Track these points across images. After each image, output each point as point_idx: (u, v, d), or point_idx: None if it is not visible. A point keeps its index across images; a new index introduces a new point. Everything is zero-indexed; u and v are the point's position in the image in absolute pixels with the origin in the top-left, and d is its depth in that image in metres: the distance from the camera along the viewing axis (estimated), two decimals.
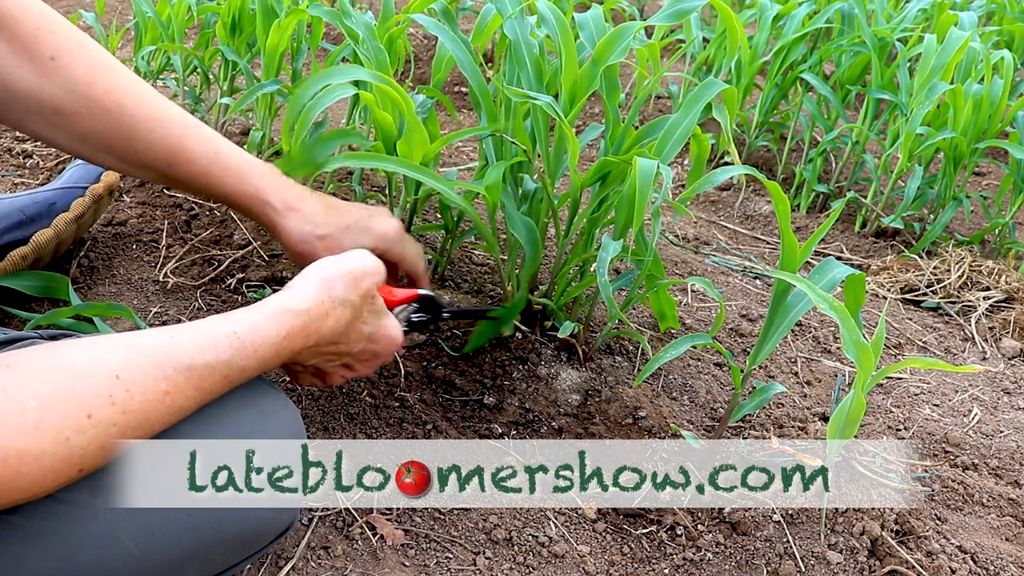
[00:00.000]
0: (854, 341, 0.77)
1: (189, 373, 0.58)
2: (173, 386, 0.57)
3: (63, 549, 0.54)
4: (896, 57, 1.78)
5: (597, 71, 0.92)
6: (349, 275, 0.72)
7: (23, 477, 0.48)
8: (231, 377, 0.62)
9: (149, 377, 0.56)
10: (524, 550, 0.85)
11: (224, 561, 0.64)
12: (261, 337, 0.64)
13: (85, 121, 0.78)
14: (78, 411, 0.51)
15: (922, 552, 0.85)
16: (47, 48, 0.76)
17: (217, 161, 0.83)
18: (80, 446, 0.51)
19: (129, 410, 0.54)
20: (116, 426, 0.53)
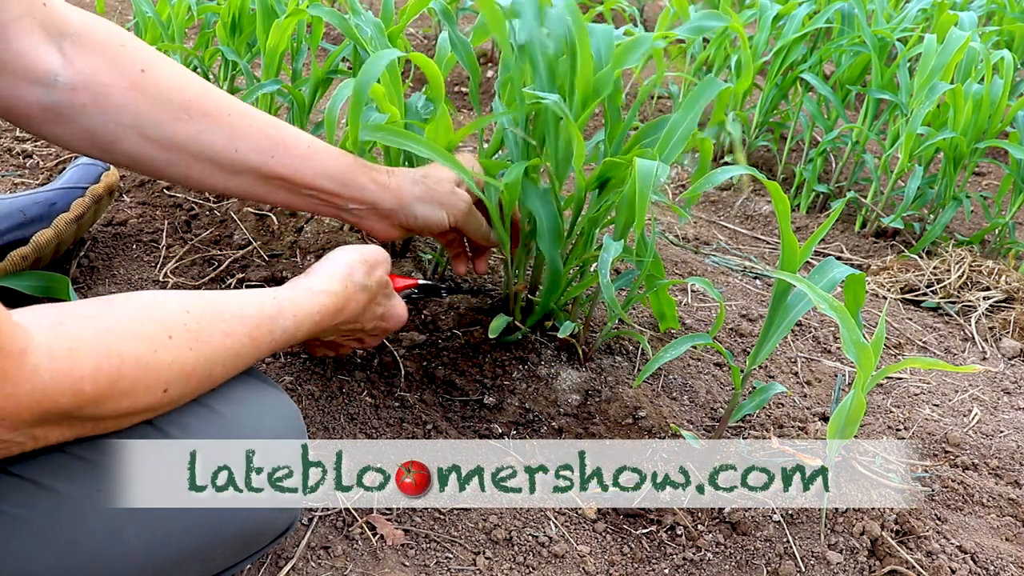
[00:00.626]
0: (854, 341, 0.77)
1: (243, 320, 0.64)
2: (231, 328, 0.63)
3: (65, 544, 0.55)
4: (896, 57, 1.77)
5: (611, 76, 0.92)
6: (365, 263, 0.81)
7: (124, 379, 0.54)
8: (275, 335, 0.67)
9: (212, 316, 0.62)
10: (524, 550, 0.85)
11: (225, 560, 0.64)
12: (299, 308, 0.71)
13: (185, 127, 0.79)
14: (163, 330, 0.58)
15: (922, 552, 0.85)
16: (135, 62, 0.77)
17: (317, 143, 0.86)
18: (166, 362, 0.57)
19: (201, 340, 0.60)
20: (192, 351, 0.59)
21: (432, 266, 1.18)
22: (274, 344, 0.68)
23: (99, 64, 0.75)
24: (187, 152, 0.80)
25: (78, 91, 0.74)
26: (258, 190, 0.85)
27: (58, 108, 0.75)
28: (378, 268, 0.83)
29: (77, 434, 0.55)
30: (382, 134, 0.90)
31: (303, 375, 1.00)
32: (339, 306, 0.76)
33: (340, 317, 0.77)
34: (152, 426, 0.59)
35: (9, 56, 0.71)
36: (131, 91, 0.76)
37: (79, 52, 0.74)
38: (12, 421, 0.49)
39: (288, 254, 1.22)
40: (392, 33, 1.18)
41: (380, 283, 0.83)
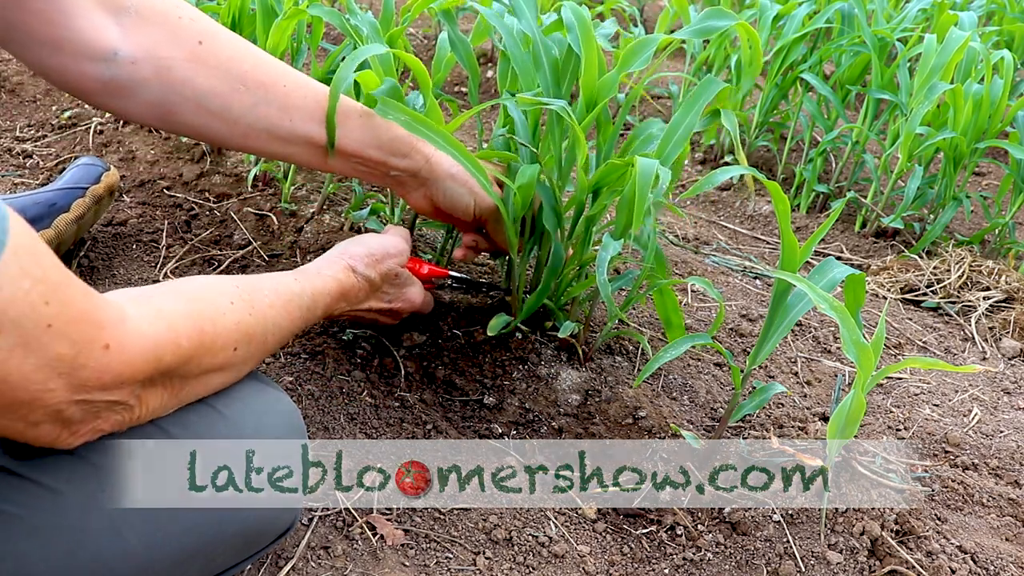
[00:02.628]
0: (854, 341, 0.77)
1: (278, 295, 0.70)
2: (273, 301, 0.69)
3: (66, 544, 0.55)
4: (896, 57, 1.77)
5: (616, 80, 0.92)
6: (369, 255, 0.85)
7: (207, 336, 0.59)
8: (303, 310, 0.73)
9: (255, 290, 0.68)
10: (524, 550, 0.85)
11: (225, 560, 0.64)
12: (314, 288, 0.76)
13: (242, 98, 0.80)
14: (224, 298, 0.64)
15: (922, 552, 0.85)
16: (194, 34, 0.78)
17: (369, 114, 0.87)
18: (233, 321, 0.63)
19: (254, 307, 0.66)
20: (251, 316, 0.65)
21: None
22: (302, 319, 0.73)
23: (158, 37, 0.76)
24: (244, 123, 0.82)
25: (139, 65, 0.76)
26: (306, 158, 0.87)
27: (119, 82, 0.76)
28: (385, 261, 0.87)
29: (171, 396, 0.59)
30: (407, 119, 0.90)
31: (303, 375, 1.00)
32: (342, 290, 0.81)
33: (345, 301, 0.82)
34: (154, 425, 0.60)
35: (69, 34, 0.73)
36: (190, 63, 0.77)
37: (138, 26, 0.75)
38: (131, 381, 0.53)
39: (288, 254, 1.22)
40: (393, 33, 1.18)
41: (385, 275, 0.87)
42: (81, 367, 0.49)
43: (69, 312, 0.48)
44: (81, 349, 0.49)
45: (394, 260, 0.88)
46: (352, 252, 0.85)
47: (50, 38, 0.73)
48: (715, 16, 0.94)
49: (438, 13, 1.04)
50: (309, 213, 1.28)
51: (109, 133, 1.48)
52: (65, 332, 0.48)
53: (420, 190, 0.94)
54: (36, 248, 0.48)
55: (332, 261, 0.83)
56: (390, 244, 0.88)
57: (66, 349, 0.48)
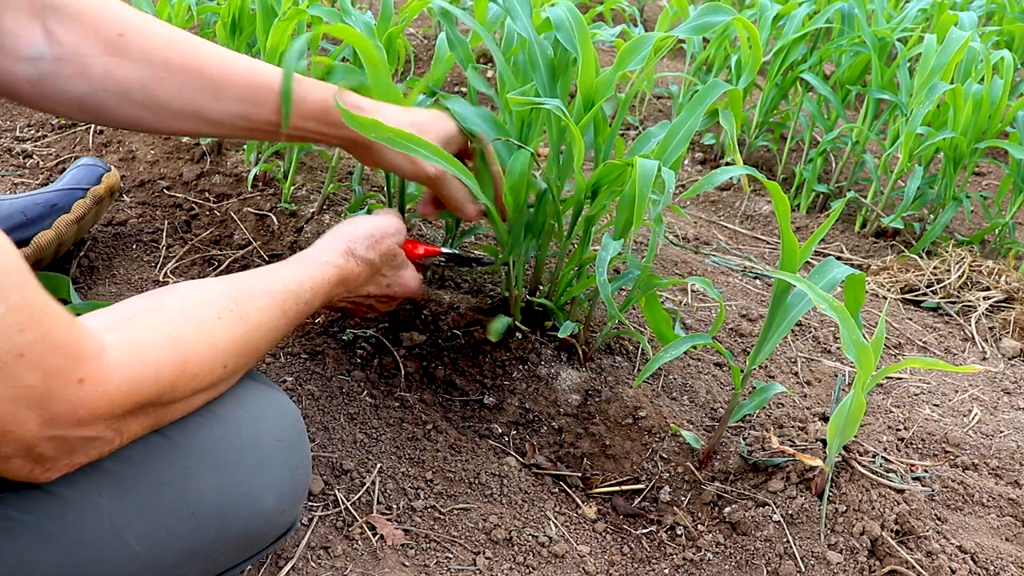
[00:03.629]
0: (854, 341, 0.77)
1: (272, 296, 0.69)
2: (266, 304, 0.68)
3: (68, 547, 0.55)
4: (896, 57, 1.77)
5: (612, 79, 0.92)
6: (369, 237, 0.84)
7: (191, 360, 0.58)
8: (300, 306, 0.72)
9: (248, 296, 0.67)
10: (524, 550, 0.85)
11: (226, 561, 0.64)
12: (313, 279, 0.75)
13: (167, 86, 0.79)
14: (213, 313, 0.62)
15: (922, 552, 0.85)
16: (114, 26, 0.77)
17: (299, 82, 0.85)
18: (222, 340, 0.61)
19: (244, 318, 0.64)
20: (240, 329, 0.64)
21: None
22: (299, 315, 0.73)
23: (79, 33, 0.75)
24: (171, 110, 0.80)
25: (63, 63, 0.75)
26: (242, 133, 0.87)
27: (46, 81, 0.75)
28: (384, 241, 0.86)
29: (153, 422, 0.58)
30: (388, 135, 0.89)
31: (303, 375, 1.00)
32: (342, 276, 0.80)
33: (344, 287, 0.81)
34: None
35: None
36: (111, 56, 0.76)
37: (61, 24, 0.75)
38: (108, 417, 0.52)
39: (288, 254, 1.22)
40: (391, 32, 1.18)
41: (385, 255, 0.86)
42: (54, 400, 0.48)
43: (45, 342, 0.47)
44: (53, 382, 0.48)
45: (392, 239, 0.87)
46: (351, 234, 0.84)
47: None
48: (712, 12, 0.94)
49: (437, 13, 1.04)
50: (309, 213, 1.28)
51: (109, 133, 1.48)
52: (38, 363, 0.46)
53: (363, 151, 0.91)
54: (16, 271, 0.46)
55: (332, 245, 0.82)
56: (387, 223, 0.88)
57: (37, 380, 0.47)
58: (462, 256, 1.03)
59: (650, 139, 0.99)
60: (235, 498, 0.62)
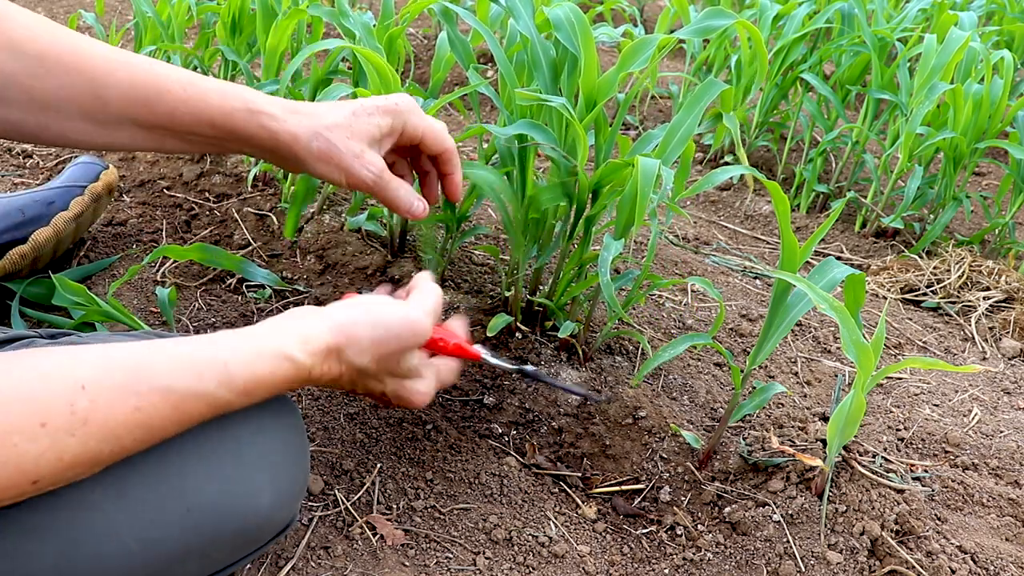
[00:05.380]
0: (854, 341, 0.76)
1: (167, 394, 0.54)
2: (147, 403, 0.53)
3: (64, 544, 0.54)
4: (896, 57, 1.78)
5: (615, 79, 0.92)
6: (370, 340, 0.65)
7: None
8: (215, 405, 0.57)
9: (118, 391, 0.52)
10: (524, 550, 0.85)
11: (223, 559, 0.64)
12: (254, 376, 0.58)
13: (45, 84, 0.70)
14: (31, 417, 0.48)
15: (922, 552, 0.85)
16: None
17: (194, 84, 0.75)
18: (32, 455, 0.48)
19: (91, 422, 0.50)
20: (75, 437, 0.50)
21: (432, 265, 1.18)
22: (214, 411, 0.57)
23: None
24: (53, 111, 0.71)
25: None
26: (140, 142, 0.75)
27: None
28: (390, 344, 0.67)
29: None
30: None
31: None
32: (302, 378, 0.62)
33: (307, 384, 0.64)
34: None
35: None
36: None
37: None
38: None
39: (288, 254, 1.22)
40: (392, 33, 1.18)
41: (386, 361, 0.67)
42: None
43: None
44: None
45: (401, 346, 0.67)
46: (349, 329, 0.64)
47: None
48: (715, 16, 0.94)
49: (437, 13, 1.04)
50: (309, 213, 1.28)
51: None
52: None
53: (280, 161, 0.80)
54: None
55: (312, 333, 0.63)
56: (406, 326, 0.67)
57: None
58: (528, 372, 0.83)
59: (651, 140, 0.99)
60: (232, 495, 0.62)
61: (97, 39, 0.87)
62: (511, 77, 0.96)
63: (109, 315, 0.93)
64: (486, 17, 1.26)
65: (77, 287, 0.92)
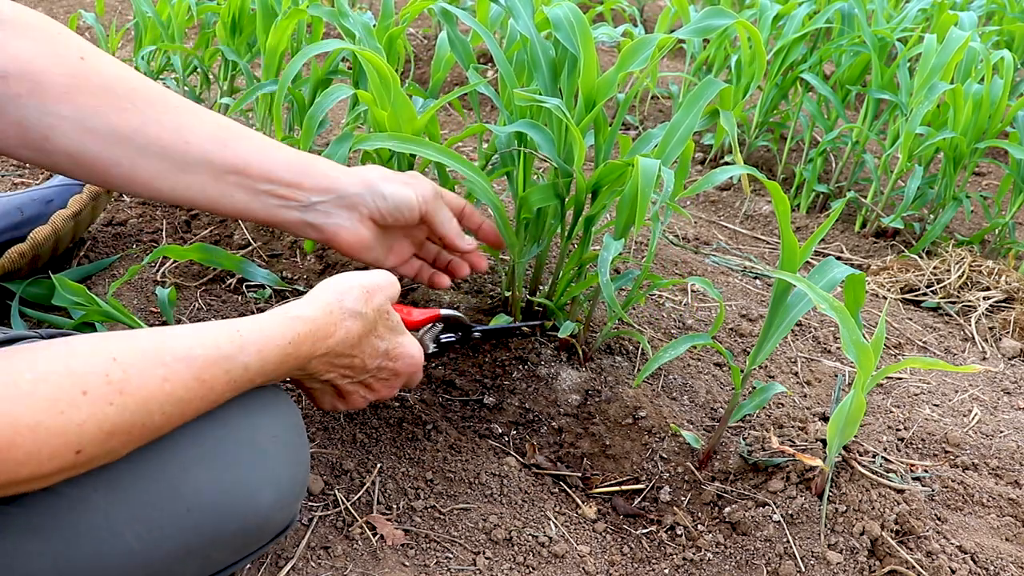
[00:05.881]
0: (854, 341, 0.76)
1: (189, 362, 0.58)
2: (172, 373, 0.56)
3: (64, 543, 0.54)
4: (896, 57, 1.78)
5: (615, 79, 0.92)
6: (360, 287, 0.72)
7: (18, 448, 0.48)
8: (233, 374, 0.61)
9: (147, 362, 0.56)
10: (524, 550, 0.85)
11: (224, 559, 0.64)
12: (265, 338, 0.63)
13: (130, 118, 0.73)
14: (73, 386, 0.51)
15: (922, 552, 0.85)
16: (74, 49, 0.72)
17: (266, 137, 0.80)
18: (76, 422, 0.51)
19: (126, 391, 0.53)
20: (113, 406, 0.53)
21: None
22: (234, 384, 0.61)
23: (35, 50, 0.69)
24: (132, 146, 0.73)
25: (11, 79, 0.68)
26: (210, 190, 0.77)
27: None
28: (378, 294, 0.74)
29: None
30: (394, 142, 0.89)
31: None
32: (317, 332, 0.67)
33: (321, 346, 0.68)
34: None
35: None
36: (70, 78, 0.70)
37: (13, 38, 0.69)
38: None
39: (288, 254, 1.22)
40: (392, 33, 1.18)
41: (380, 311, 0.74)
42: None
43: None
44: None
45: (385, 294, 0.75)
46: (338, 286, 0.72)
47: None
48: (714, 15, 0.94)
49: (437, 13, 1.04)
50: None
51: None
52: None
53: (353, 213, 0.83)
54: None
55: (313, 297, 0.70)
56: (379, 276, 0.76)
57: None
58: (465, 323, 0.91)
59: (651, 140, 0.99)
60: (232, 495, 0.62)
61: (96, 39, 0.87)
62: (510, 77, 0.96)
63: (109, 315, 0.92)
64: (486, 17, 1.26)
65: (77, 287, 0.92)
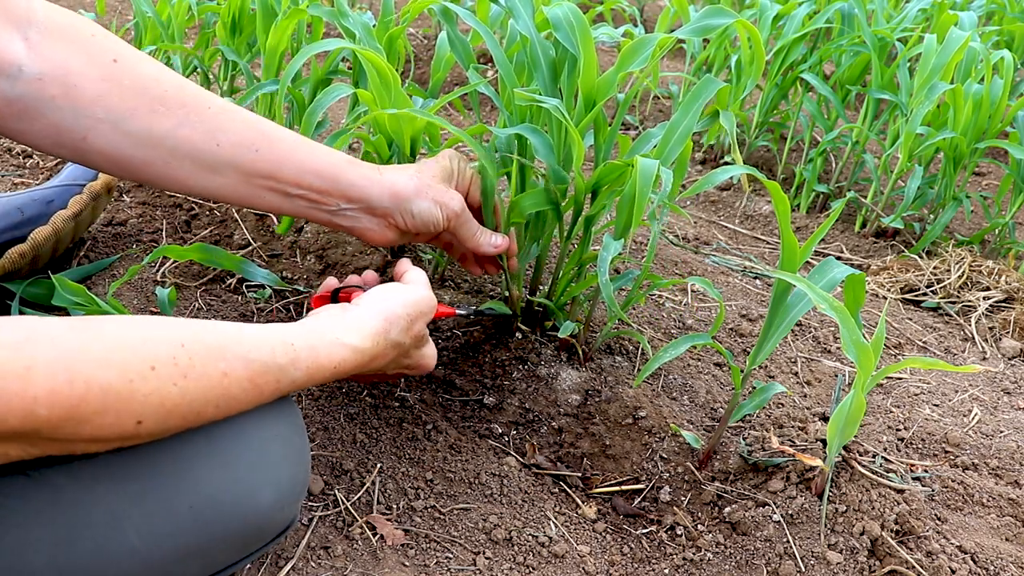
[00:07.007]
0: (854, 341, 0.76)
1: (247, 363, 0.60)
2: (231, 370, 0.59)
3: (66, 539, 0.54)
4: (896, 57, 1.78)
5: (614, 79, 0.91)
6: (407, 318, 0.75)
7: (88, 406, 0.51)
8: (283, 383, 0.64)
9: (211, 354, 0.58)
10: (524, 550, 0.85)
11: (225, 559, 0.64)
12: (316, 360, 0.66)
13: (163, 120, 0.74)
14: (143, 360, 0.54)
15: (922, 552, 0.85)
16: (107, 51, 0.73)
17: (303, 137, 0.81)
18: (141, 393, 0.53)
19: (190, 377, 0.56)
20: (177, 387, 0.55)
21: (432, 266, 1.18)
22: (279, 392, 0.64)
23: (69, 52, 0.70)
24: (164, 147, 0.75)
25: (46, 82, 0.69)
26: (241, 191, 0.79)
27: (24, 101, 0.69)
28: (419, 321, 0.77)
29: (40, 452, 0.53)
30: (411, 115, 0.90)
31: None
32: (362, 363, 0.71)
33: (361, 371, 0.73)
34: None
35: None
36: (104, 81, 0.71)
37: (47, 40, 0.70)
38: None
39: (288, 254, 1.22)
40: (392, 33, 1.18)
41: (416, 337, 0.78)
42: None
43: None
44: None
45: (425, 320, 0.78)
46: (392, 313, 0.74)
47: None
48: (714, 15, 0.94)
49: (437, 13, 1.04)
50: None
51: None
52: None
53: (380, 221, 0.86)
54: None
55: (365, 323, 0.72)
56: (424, 301, 0.78)
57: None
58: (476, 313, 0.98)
59: (650, 139, 0.99)
60: (233, 494, 0.62)
61: None
62: (510, 77, 0.96)
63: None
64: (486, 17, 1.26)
65: (77, 287, 0.92)
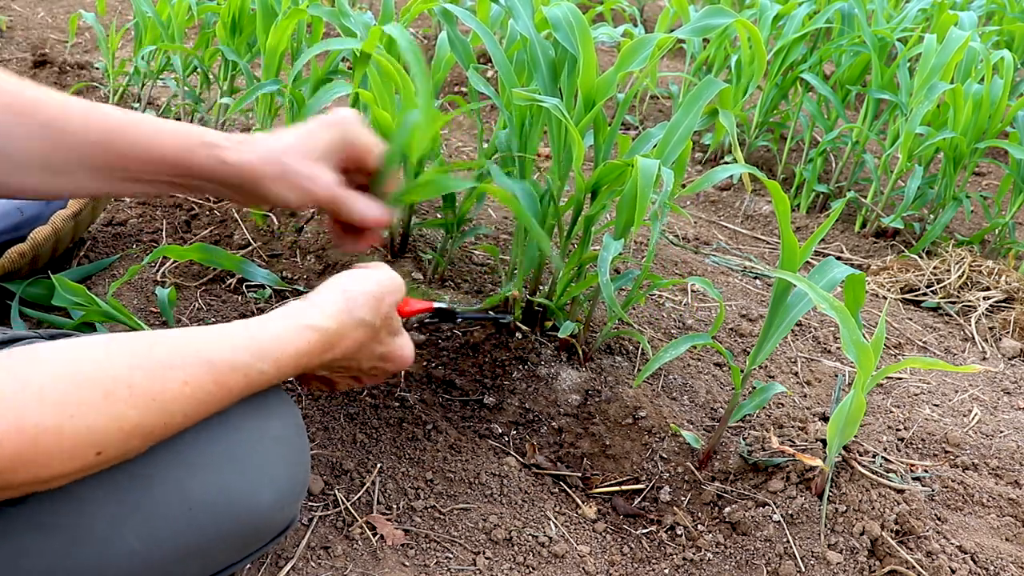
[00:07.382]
0: (854, 341, 0.76)
1: (210, 367, 0.59)
2: (192, 377, 0.58)
3: (65, 540, 0.54)
4: (896, 57, 1.78)
5: (614, 79, 0.91)
6: (372, 296, 0.72)
7: (41, 449, 0.49)
8: (251, 378, 0.62)
9: (166, 367, 0.56)
10: (524, 550, 0.85)
11: (225, 559, 0.64)
12: (281, 347, 0.64)
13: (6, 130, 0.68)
14: (95, 390, 0.52)
15: (922, 552, 0.85)
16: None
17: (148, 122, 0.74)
18: (98, 425, 0.52)
19: (149, 395, 0.55)
20: (136, 409, 0.54)
21: (432, 266, 1.18)
22: (250, 387, 0.63)
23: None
24: (10, 162, 0.69)
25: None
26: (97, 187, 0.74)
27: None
28: (386, 300, 0.73)
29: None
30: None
31: None
32: (328, 343, 0.68)
33: (329, 355, 0.69)
34: None
35: None
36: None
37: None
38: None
39: (288, 254, 1.22)
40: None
41: (385, 318, 0.74)
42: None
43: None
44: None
45: (392, 299, 0.75)
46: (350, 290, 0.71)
47: None
48: (714, 15, 0.94)
49: (437, 13, 1.04)
50: (309, 213, 1.28)
51: None
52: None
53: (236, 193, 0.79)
54: None
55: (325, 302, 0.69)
56: (389, 280, 0.75)
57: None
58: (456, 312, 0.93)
59: (650, 139, 0.99)
60: (232, 494, 0.62)
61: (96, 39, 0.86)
62: (510, 78, 0.96)
63: (109, 315, 0.93)
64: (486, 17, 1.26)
65: (77, 287, 0.92)
